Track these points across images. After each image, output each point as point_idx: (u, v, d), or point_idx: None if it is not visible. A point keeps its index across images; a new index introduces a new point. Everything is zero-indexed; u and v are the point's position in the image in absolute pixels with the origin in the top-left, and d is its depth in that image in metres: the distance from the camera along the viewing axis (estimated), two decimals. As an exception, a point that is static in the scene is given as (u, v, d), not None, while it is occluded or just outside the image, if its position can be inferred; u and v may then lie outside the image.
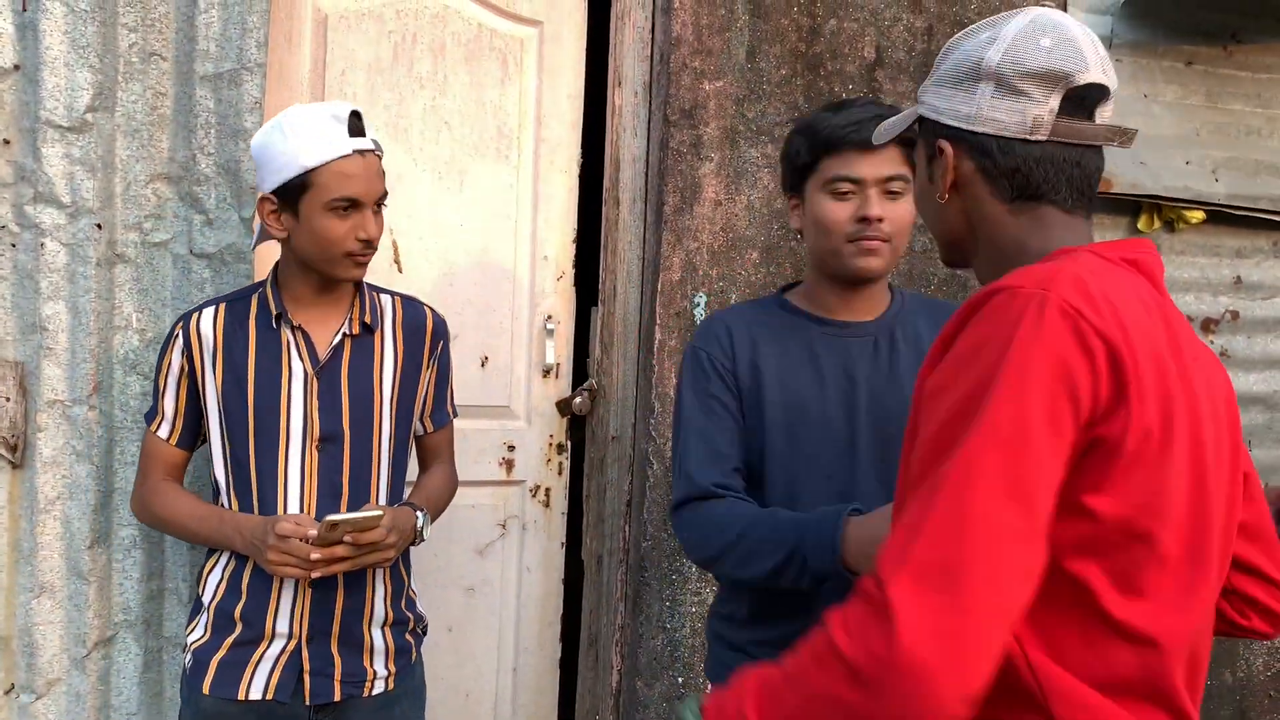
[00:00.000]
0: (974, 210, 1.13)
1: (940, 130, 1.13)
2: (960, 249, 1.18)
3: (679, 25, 2.44)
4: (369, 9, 2.40)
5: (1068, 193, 1.09)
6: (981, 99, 1.09)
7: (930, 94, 1.16)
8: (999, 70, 1.07)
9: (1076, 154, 1.09)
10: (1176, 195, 2.67)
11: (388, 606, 1.81)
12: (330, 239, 1.68)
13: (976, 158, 1.11)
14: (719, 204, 2.47)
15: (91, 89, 2.04)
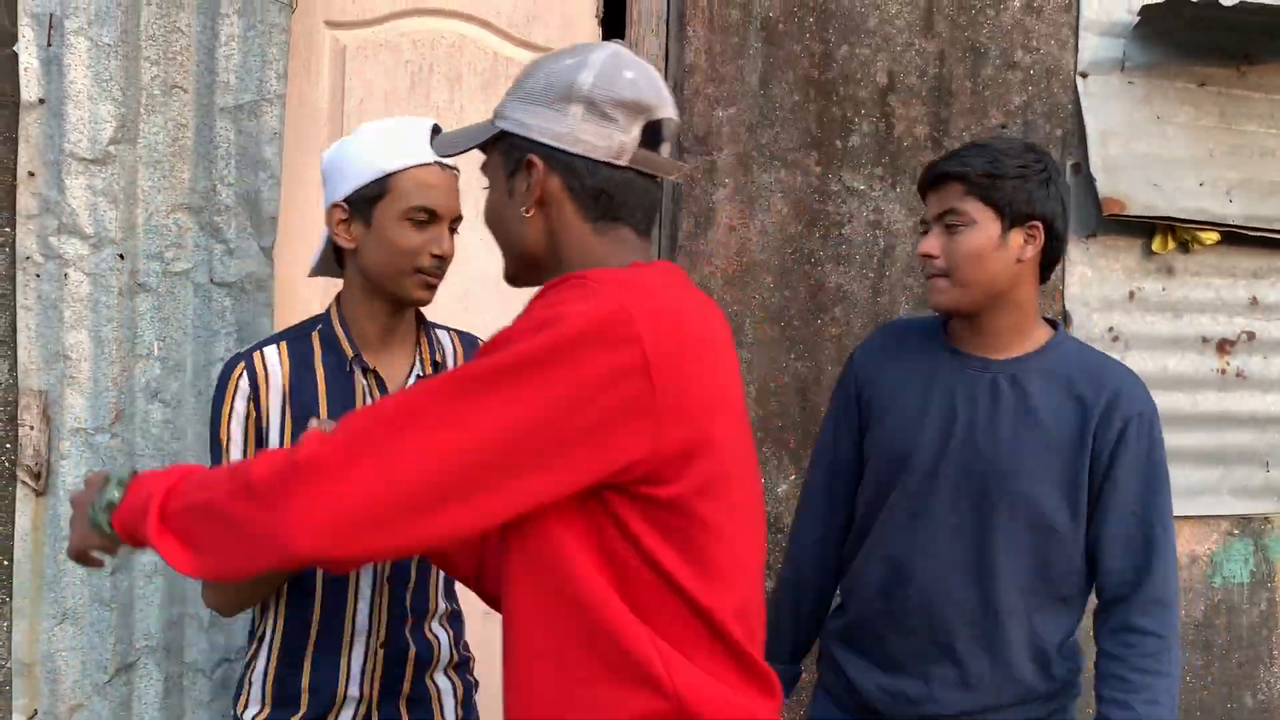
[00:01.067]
0: (558, 227, 1.15)
1: (529, 146, 1.14)
2: (534, 265, 1.19)
3: (692, 53, 2.46)
4: (386, 39, 2.43)
5: (642, 217, 1.16)
6: (573, 120, 1.12)
7: (515, 109, 1.16)
8: (590, 94, 1.11)
9: (646, 182, 1.15)
10: (1190, 217, 2.68)
11: (451, 647, 1.69)
12: (403, 250, 1.54)
13: (565, 176, 1.13)
14: (733, 229, 2.49)
15: (114, 121, 2.08)
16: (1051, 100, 2.69)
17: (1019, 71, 2.66)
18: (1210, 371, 2.80)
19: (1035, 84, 2.68)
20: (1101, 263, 2.72)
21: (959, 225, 1.52)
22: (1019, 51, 2.66)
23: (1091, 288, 2.70)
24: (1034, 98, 2.67)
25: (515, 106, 1.16)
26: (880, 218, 2.57)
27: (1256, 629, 2.84)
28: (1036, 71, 2.68)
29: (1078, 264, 2.70)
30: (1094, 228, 2.70)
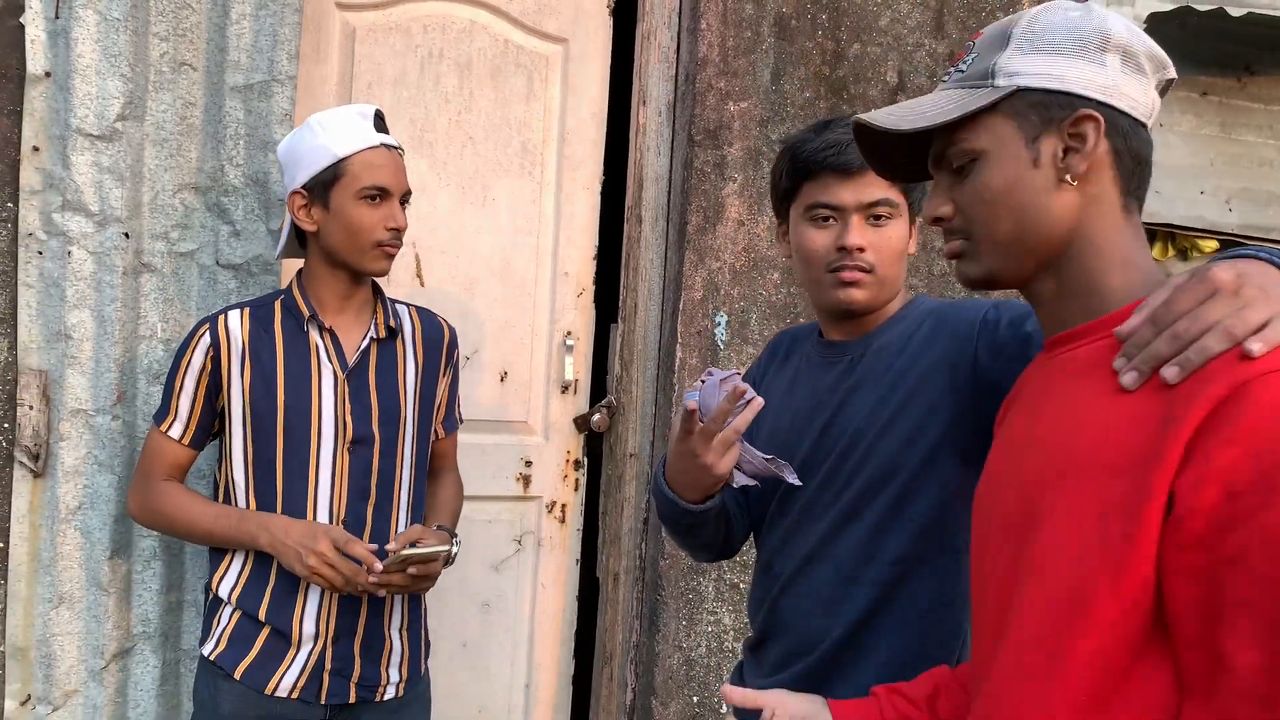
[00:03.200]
0: (1093, 206, 0.95)
1: (1072, 101, 0.93)
2: (1045, 259, 0.98)
3: (705, 46, 2.45)
4: (396, 23, 2.40)
5: (1144, 196, 0.98)
6: (1114, 71, 0.94)
7: (1027, 63, 0.95)
8: (1127, 42, 0.94)
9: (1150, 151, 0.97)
10: (1191, 225, 2.70)
11: (405, 611, 1.83)
12: (362, 227, 1.71)
13: (1113, 138, 0.93)
14: (741, 224, 2.48)
15: (122, 98, 2.04)
16: (1057, 105, 2.70)
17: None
18: (1205, 378, 2.83)
19: (1042, 88, 2.69)
20: (1102, 268, 2.74)
21: (887, 217, 1.37)
22: (1027, 55, 2.67)
23: (1092, 292, 2.72)
24: (1040, 102, 2.69)
25: (1027, 60, 0.95)
26: (887, 217, 2.57)
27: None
28: (1043, 76, 2.69)
29: (1079, 268, 2.72)
30: (1096, 233, 2.72)
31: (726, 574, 2.47)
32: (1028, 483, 0.93)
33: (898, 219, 1.38)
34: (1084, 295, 0.97)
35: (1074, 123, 0.93)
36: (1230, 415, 0.78)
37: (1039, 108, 0.94)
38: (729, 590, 2.47)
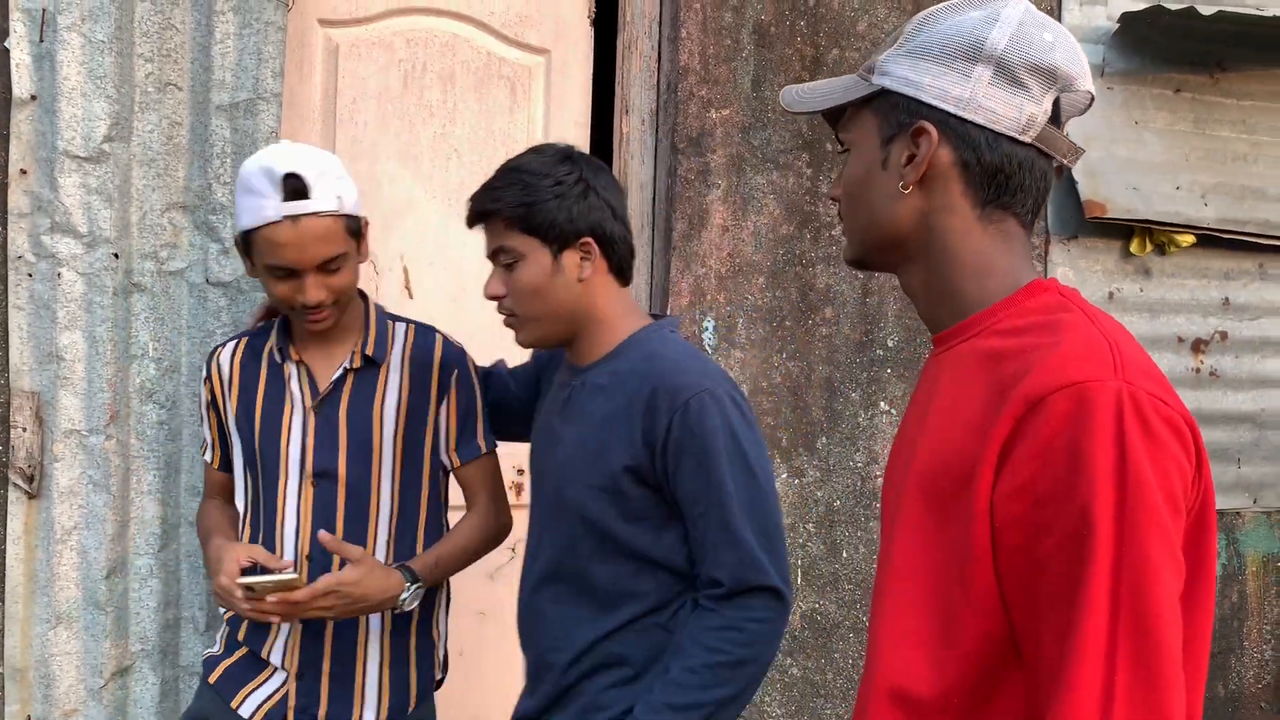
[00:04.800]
0: (938, 210, 0.98)
1: (918, 109, 0.97)
2: (897, 252, 1.02)
3: (685, 55, 2.48)
4: (379, 38, 2.42)
5: (1031, 206, 0.99)
6: (977, 83, 0.95)
7: (900, 65, 0.98)
8: (1004, 55, 0.94)
9: (1046, 165, 0.98)
10: (1168, 220, 2.74)
11: (384, 643, 1.75)
12: (277, 298, 1.66)
13: (959, 148, 0.96)
14: (726, 230, 2.51)
15: (108, 119, 2.05)
16: (1034, 105, 2.74)
17: (1003, 76, 2.71)
18: (1185, 370, 2.87)
19: (1018, 89, 2.73)
20: (1082, 264, 2.78)
21: (513, 262, 1.50)
22: (1003, 57, 2.71)
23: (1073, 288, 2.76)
24: (1017, 102, 2.72)
25: (901, 62, 0.98)
26: (869, 219, 2.61)
27: (1228, 620, 2.92)
28: (1020, 76, 2.73)
29: (1059, 265, 2.76)
30: (1075, 230, 2.76)
31: (719, 576, 2.50)
32: (900, 480, 1.01)
33: (522, 261, 1.49)
34: (947, 298, 1.00)
35: (915, 131, 0.96)
36: (1030, 429, 0.84)
37: (895, 111, 0.98)
38: (722, 592, 2.50)
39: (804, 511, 2.57)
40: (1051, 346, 0.88)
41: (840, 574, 2.59)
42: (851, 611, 2.59)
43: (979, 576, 0.88)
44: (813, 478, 2.57)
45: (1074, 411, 0.82)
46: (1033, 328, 0.93)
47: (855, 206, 1.03)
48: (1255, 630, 2.97)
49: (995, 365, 0.93)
